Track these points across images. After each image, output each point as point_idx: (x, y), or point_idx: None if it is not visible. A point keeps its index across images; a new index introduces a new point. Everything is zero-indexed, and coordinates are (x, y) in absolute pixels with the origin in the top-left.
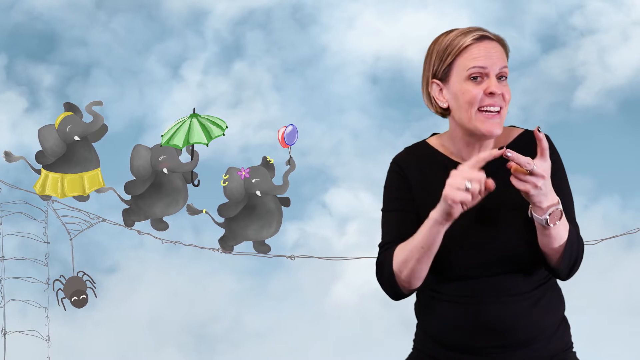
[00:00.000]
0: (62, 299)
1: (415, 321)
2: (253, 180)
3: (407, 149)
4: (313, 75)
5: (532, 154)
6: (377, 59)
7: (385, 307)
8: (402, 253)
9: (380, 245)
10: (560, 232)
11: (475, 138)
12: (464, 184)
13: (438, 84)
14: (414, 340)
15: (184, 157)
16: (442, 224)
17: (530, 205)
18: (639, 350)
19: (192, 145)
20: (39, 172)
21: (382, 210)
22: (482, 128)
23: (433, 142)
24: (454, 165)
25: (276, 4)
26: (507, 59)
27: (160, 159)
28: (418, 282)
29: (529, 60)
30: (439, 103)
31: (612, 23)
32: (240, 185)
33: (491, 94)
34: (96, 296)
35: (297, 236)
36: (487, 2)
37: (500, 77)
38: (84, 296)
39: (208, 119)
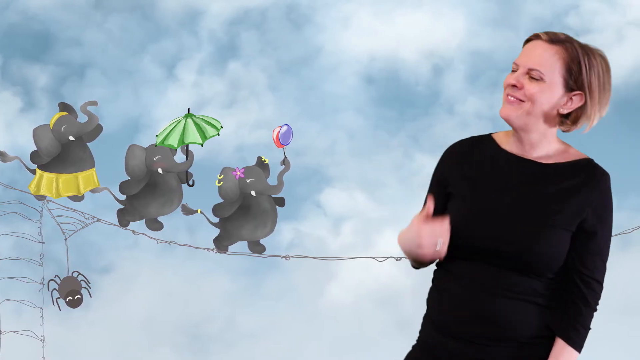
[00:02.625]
0: (56, 299)
1: (411, 321)
2: (248, 180)
3: (467, 139)
4: (308, 75)
5: (586, 184)
6: (372, 59)
7: (380, 307)
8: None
9: None
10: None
11: (513, 130)
12: (437, 244)
13: None
14: (420, 331)
15: (179, 157)
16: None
17: None
18: (635, 350)
19: (187, 146)
20: (33, 172)
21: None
22: (500, 111)
23: (498, 135)
24: (503, 152)
25: (271, 4)
26: (564, 64)
27: (155, 159)
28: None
29: None
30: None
31: (607, 23)
32: (235, 185)
33: (510, 85)
34: (91, 296)
35: (292, 236)
36: (483, 2)
37: (532, 76)
38: (79, 296)
39: (203, 119)
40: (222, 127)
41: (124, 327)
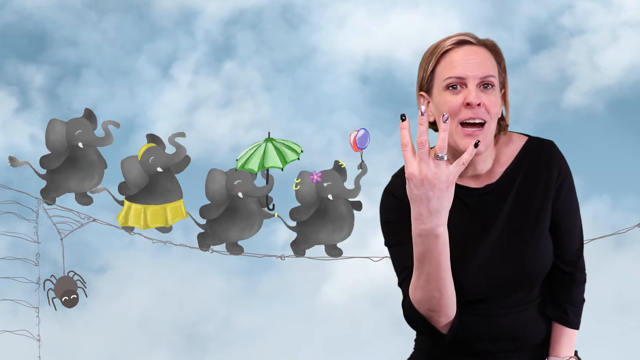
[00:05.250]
0: (52, 298)
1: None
2: (325, 184)
3: (396, 176)
4: (303, 75)
5: (540, 169)
6: (367, 59)
7: (374, 307)
8: (415, 288)
9: (399, 284)
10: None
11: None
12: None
13: (424, 96)
14: (416, 340)
15: (259, 182)
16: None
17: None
18: (628, 350)
19: (267, 170)
20: (121, 203)
21: (388, 245)
22: (461, 144)
23: None
24: None
25: (266, 4)
26: (500, 65)
27: (235, 183)
28: (451, 308)
29: (518, 60)
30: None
31: (602, 23)
32: (312, 189)
33: (468, 105)
34: (87, 296)
35: (288, 236)
36: (477, 3)
37: (485, 85)
38: (75, 296)
39: (283, 143)
40: (302, 151)
41: (120, 326)
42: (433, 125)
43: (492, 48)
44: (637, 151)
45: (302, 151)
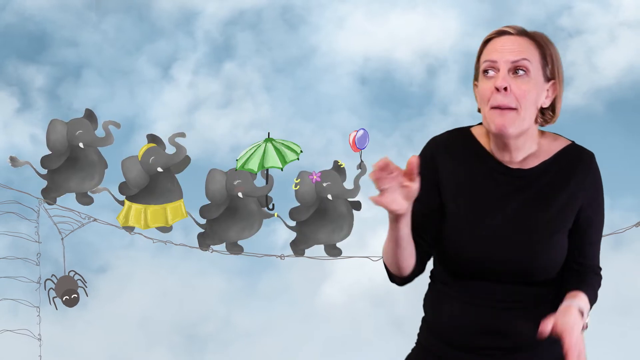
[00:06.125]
0: (53, 298)
1: (406, 320)
2: (324, 184)
3: (448, 133)
4: (303, 76)
5: (574, 173)
6: (366, 60)
7: (374, 306)
8: (385, 242)
9: None
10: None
11: (501, 139)
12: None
13: (476, 85)
14: (418, 335)
15: (259, 182)
16: (392, 220)
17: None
18: (628, 350)
19: (267, 170)
20: (122, 203)
21: None
22: (492, 126)
23: (477, 131)
24: (488, 156)
25: (266, 4)
26: (545, 56)
27: (235, 183)
28: (404, 272)
29: None
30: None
31: (600, 24)
32: (311, 189)
33: (497, 90)
34: (87, 295)
35: (287, 236)
36: (476, 3)
37: (516, 70)
38: (75, 295)
39: (283, 144)
40: (301, 151)
41: (120, 326)
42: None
43: (534, 38)
44: (635, 151)
45: (301, 151)
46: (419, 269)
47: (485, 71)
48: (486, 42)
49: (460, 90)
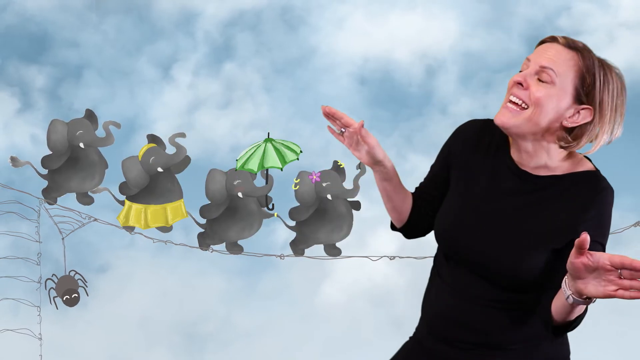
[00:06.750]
0: (54, 297)
1: (406, 320)
2: (324, 184)
3: (484, 120)
4: (302, 76)
5: (582, 200)
6: (365, 60)
7: (374, 306)
8: None
9: None
10: (575, 312)
11: (508, 134)
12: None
13: None
14: (417, 326)
15: (259, 182)
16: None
17: (568, 275)
18: (625, 350)
19: (267, 170)
20: (122, 203)
21: None
22: (495, 118)
23: None
24: (506, 152)
25: (266, 5)
26: (585, 78)
27: (235, 183)
28: (399, 217)
29: (516, 62)
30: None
31: (599, 24)
32: (311, 189)
33: (516, 83)
34: (88, 295)
35: (287, 236)
36: (475, 4)
37: (541, 76)
38: (76, 295)
39: (282, 144)
40: (301, 151)
41: (121, 325)
42: None
43: (582, 58)
44: (634, 151)
45: (301, 151)
46: (418, 224)
47: (522, 68)
48: (539, 44)
49: (459, 91)
